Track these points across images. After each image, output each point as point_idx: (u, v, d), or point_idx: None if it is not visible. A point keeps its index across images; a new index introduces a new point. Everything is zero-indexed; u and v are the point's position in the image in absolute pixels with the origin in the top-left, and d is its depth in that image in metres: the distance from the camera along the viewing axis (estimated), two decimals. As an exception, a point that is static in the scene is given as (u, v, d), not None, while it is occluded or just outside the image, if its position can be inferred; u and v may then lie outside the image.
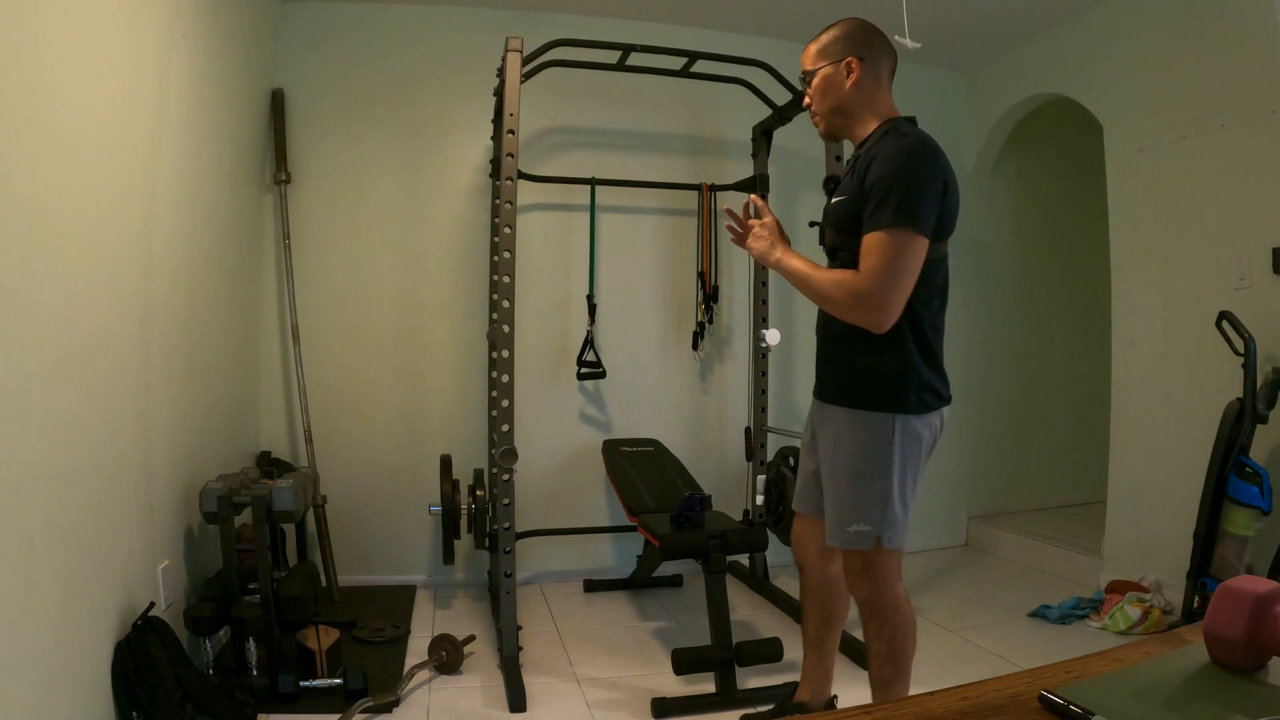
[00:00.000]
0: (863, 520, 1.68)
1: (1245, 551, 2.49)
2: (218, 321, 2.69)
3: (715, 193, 3.51)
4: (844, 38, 1.73)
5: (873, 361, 1.66)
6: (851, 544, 1.70)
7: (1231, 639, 0.74)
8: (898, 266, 1.54)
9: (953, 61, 3.92)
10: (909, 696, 0.73)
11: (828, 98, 1.74)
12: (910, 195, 1.54)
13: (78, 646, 1.67)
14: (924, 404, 1.67)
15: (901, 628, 1.75)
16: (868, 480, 1.67)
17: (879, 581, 1.72)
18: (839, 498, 1.72)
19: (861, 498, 1.68)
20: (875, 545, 1.69)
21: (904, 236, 1.53)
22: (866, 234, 1.57)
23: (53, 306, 1.58)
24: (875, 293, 1.55)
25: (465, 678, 2.40)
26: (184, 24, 2.25)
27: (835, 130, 1.79)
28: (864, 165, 1.63)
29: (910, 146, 1.59)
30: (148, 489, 2.08)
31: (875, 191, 1.56)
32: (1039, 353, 4.21)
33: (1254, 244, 2.66)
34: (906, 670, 1.77)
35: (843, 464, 1.71)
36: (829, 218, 1.75)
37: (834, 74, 1.72)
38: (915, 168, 1.57)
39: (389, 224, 3.33)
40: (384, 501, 3.28)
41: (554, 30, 3.02)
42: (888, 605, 1.73)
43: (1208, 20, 2.80)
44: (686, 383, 3.62)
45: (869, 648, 1.79)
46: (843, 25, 1.76)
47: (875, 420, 1.66)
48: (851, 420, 1.70)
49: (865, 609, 1.77)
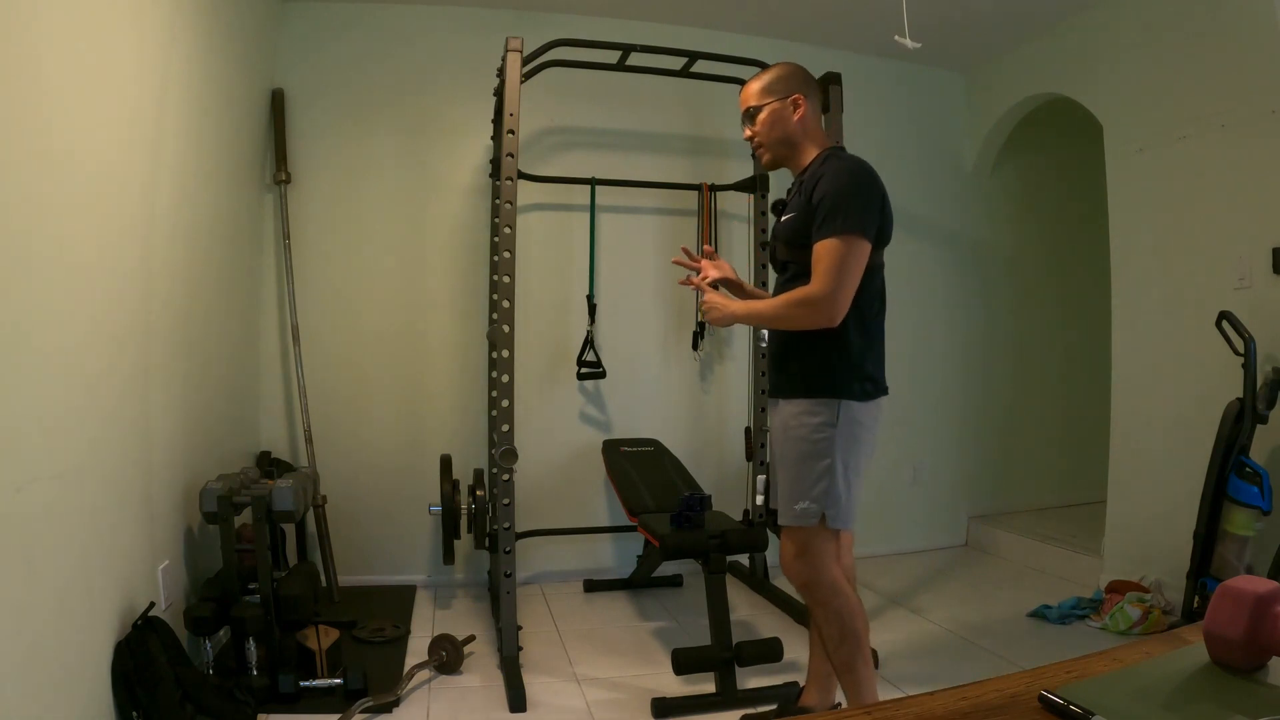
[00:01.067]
0: (807, 498, 1.80)
1: (1245, 551, 2.49)
2: (218, 321, 2.69)
3: (715, 193, 3.51)
4: (787, 77, 1.91)
5: (820, 356, 1.81)
6: (797, 521, 1.82)
7: (1231, 639, 0.74)
8: (846, 267, 1.72)
9: (953, 61, 3.92)
10: (909, 696, 0.73)
11: (775, 130, 1.90)
12: (854, 207, 1.73)
13: (78, 646, 1.67)
14: (865, 393, 1.82)
15: (846, 607, 1.82)
16: (813, 459, 1.79)
17: (816, 563, 1.82)
18: (787, 479, 1.85)
19: (807, 476, 1.80)
20: (819, 522, 1.80)
21: (850, 241, 1.72)
22: (817, 243, 1.75)
23: (52, 306, 1.58)
24: (827, 292, 1.72)
25: (465, 678, 2.40)
26: (184, 24, 2.25)
27: (780, 160, 1.95)
28: (810, 185, 1.80)
29: (851, 167, 1.79)
30: (148, 489, 2.08)
31: (823, 206, 1.74)
32: (1039, 353, 4.21)
33: (1254, 244, 2.66)
34: (865, 649, 1.84)
35: (792, 447, 1.83)
36: (779, 234, 1.91)
37: (781, 109, 1.89)
38: (857, 184, 1.77)
39: (389, 224, 3.33)
40: (384, 501, 3.28)
41: (554, 30, 3.02)
42: (827, 587, 1.82)
43: (1208, 21, 2.80)
44: (686, 383, 3.62)
45: (821, 634, 1.88)
46: (783, 67, 1.94)
47: (821, 406, 1.80)
48: (799, 408, 1.83)
49: (806, 594, 1.88)
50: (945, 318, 3.99)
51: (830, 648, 1.85)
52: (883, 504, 3.74)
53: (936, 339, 3.95)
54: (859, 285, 1.76)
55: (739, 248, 3.58)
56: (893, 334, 1.98)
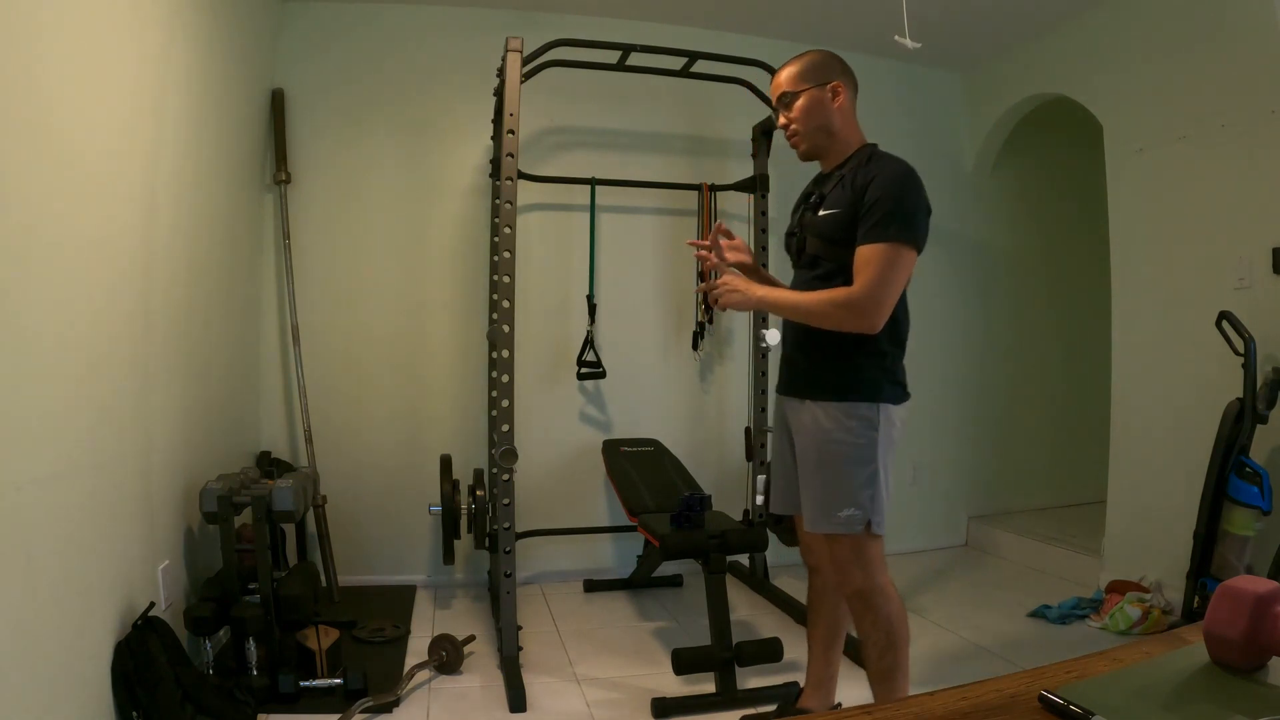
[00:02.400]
0: (853, 505, 1.74)
1: (1245, 551, 2.49)
2: (218, 321, 2.69)
3: (715, 193, 3.51)
4: (825, 64, 1.84)
5: (855, 357, 1.76)
6: (842, 528, 1.75)
7: (1231, 639, 0.74)
8: (894, 276, 1.68)
9: (952, 61, 3.92)
10: (909, 696, 0.73)
11: (813, 118, 1.82)
12: (909, 215, 1.69)
13: (77, 646, 1.67)
14: (897, 396, 1.80)
15: (896, 614, 1.79)
16: (859, 465, 1.74)
17: (869, 569, 1.77)
18: (826, 484, 1.78)
19: (851, 482, 1.74)
20: (865, 530, 1.75)
21: (901, 250, 1.67)
22: (864, 245, 1.69)
23: (53, 306, 1.58)
24: (872, 300, 1.67)
25: (465, 678, 2.40)
26: (184, 24, 2.25)
27: (817, 150, 1.87)
28: (860, 182, 1.73)
29: (906, 171, 1.73)
30: (148, 489, 2.08)
31: (877, 208, 1.68)
32: (1039, 353, 4.21)
33: (1254, 244, 2.66)
34: (905, 659, 1.80)
35: (833, 451, 1.77)
36: (819, 230, 1.82)
37: (820, 95, 1.81)
38: (913, 191, 1.72)
39: (389, 224, 3.33)
40: (384, 501, 3.28)
41: (554, 30, 3.02)
42: (880, 593, 1.78)
43: (1208, 21, 2.80)
44: (686, 383, 3.62)
45: (865, 641, 1.82)
46: (820, 53, 1.86)
47: (864, 409, 1.75)
48: (837, 410, 1.77)
49: (857, 600, 1.80)
50: (945, 317, 3.98)
51: (873, 655, 1.80)
52: (883, 504, 3.74)
53: (936, 339, 3.95)
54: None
55: (739, 248, 3.57)
56: (892, 334, 1.98)
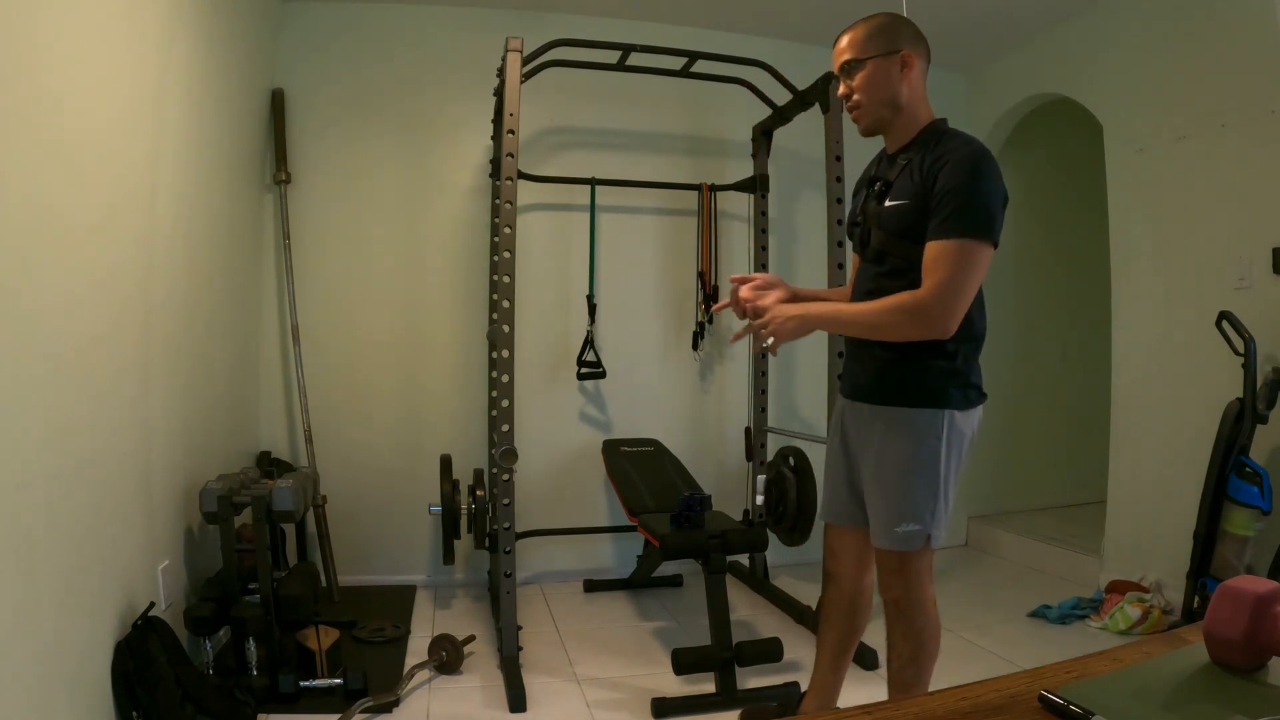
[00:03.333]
0: (915, 520, 1.63)
1: (1245, 551, 2.49)
2: (218, 321, 2.69)
3: (715, 193, 3.51)
4: (894, 29, 1.64)
5: (927, 358, 1.62)
6: (900, 545, 1.65)
7: (1231, 639, 0.74)
8: (968, 276, 1.50)
9: (953, 61, 3.91)
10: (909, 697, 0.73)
11: (878, 90, 1.63)
12: (984, 206, 1.51)
13: (78, 646, 1.67)
14: (968, 400, 1.65)
15: (928, 630, 1.70)
16: (921, 478, 1.63)
17: (912, 581, 1.68)
18: (889, 497, 1.66)
19: (913, 496, 1.63)
20: (924, 544, 1.65)
21: (977, 247, 1.50)
22: (935, 241, 1.52)
23: (53, 306, 1.58)
24: (942, 305, 1.50)
25: (465, 678, 2.40)
26: (183, 24, 2.25)
27: (880, 125, 1.68)
28: (930, 169, 1.56)
29: (981, 154, 1.54)
30: (148, 489, 2.08)
31: (949, 199, 1.51)
32: (1039, 353, 4.21)
33: (1254, 244, 2.66)
34: (928, 675, 1.73)
35: (894, 462, 1.65)
36: (884, 222, 1.65)
37: (888, 65, 1.62)
38: (988, 179, 1.53)
39: (389, 224, 3.33)
40: (384, 501, 3.28)
41: (554, 30, 3.02)
42: (916, 606, 1.70)
43: (1207, 20, 2.80)
44: (686, 383, 3.62)
45: (892, 649, 1.75)
46: (889, 16, 1.66)
47: (928, 417, 1.62)
48: (903, 417, 1.64)
49: (893, 609, 1.72)
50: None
51: (896, 664, 1.73)
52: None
53: (936, 339, 3.95)
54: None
55: (739, 247, 3.58)
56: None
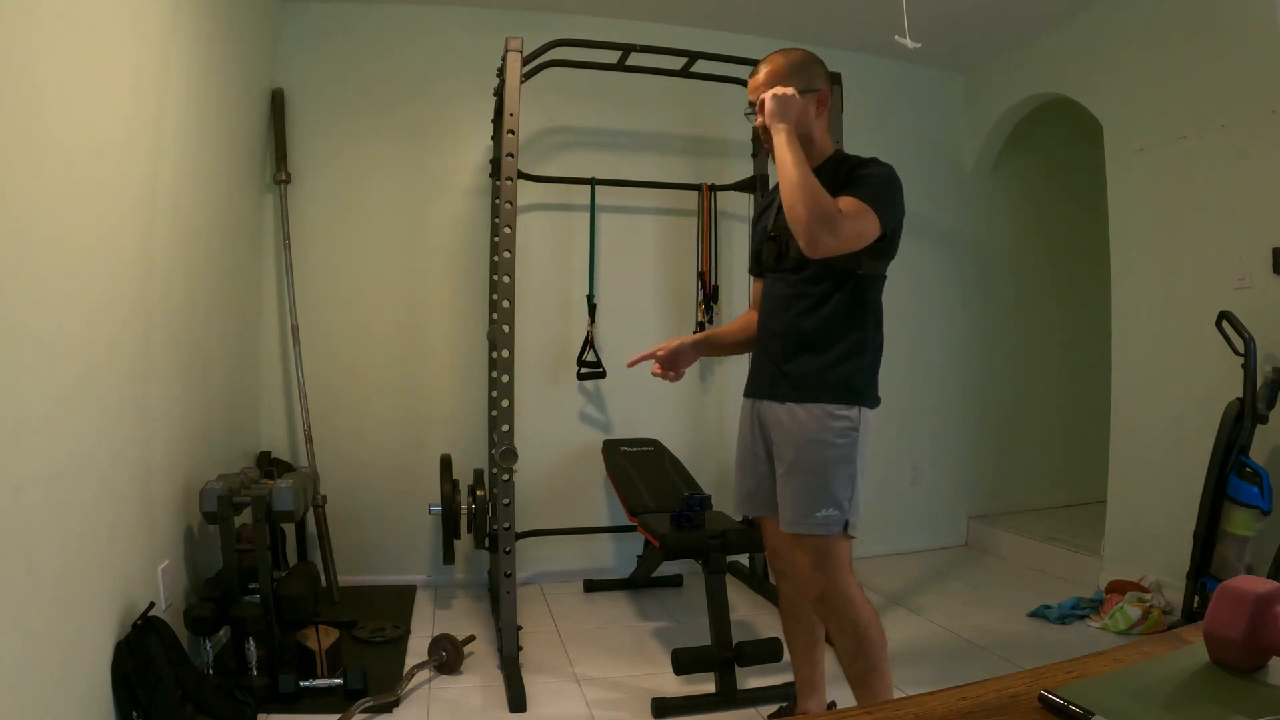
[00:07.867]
0: (832, 505, 1.74)
1: (1245, 551, 2.49)
2: (218, 321, 2.69)
3: (715, 193, 3.51)
4: (812, 68, 1.82)
5: (842, 361, 1.78)
6: (818, 529, 1.74)
7: (1231, 639, 0.74)
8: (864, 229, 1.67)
9: (952, 61, 3.92)
10: (909, 696, 0.73)
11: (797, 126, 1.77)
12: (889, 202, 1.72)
13: (77, 646, 1.67)
14: (876, 400, 1.83)
15: (862, 619, 1.76)
16: (840, 465, 1.75)
17: (832, 573, 1.76)
18: (807, 486, 1.77)
19: (831, 483, 1.74)
20: (841, 530, 1.75)
21: (872, 219, 1.68)
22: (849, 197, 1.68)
23: (53, 306, 1.58)
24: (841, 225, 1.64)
25: (465, 678, 2.40)
26: (183, 24, 2.24)
27: None
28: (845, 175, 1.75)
29: (893, 175, 1.76)
30: (148, 489, 2.08)
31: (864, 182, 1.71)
32: (1039, 353, 4.21)
33: (1254, 244, 2.66)
34: (881, 662, 1.77)
35: (815, 452, 1.76)
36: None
37: (805, 103, 1.78)
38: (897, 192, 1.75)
39: (389, 224, 3.33)
40: (384, 501, 3.28)
41: (554, 30, 3.02)
42: (842, 597, 1.76)
43: (1207, 20, 2.80)
44: (686, 383, 3.62)
45: (835, 646, 1.81)
46: (802, 54, 1.83)
47: (846, 411, 1.77)
48: (821, 411, 1.77)
49: (821, 607, 1.79)
50: (945, 317, 3.99)
51: (844, 660, 1.79)
52: (883, 504, 3.74)
53: (936, 339, 3.96)
54: (875, 293, 1.80)
55: (739, 247, 3.58)
56: (892, 334, 1.96)
